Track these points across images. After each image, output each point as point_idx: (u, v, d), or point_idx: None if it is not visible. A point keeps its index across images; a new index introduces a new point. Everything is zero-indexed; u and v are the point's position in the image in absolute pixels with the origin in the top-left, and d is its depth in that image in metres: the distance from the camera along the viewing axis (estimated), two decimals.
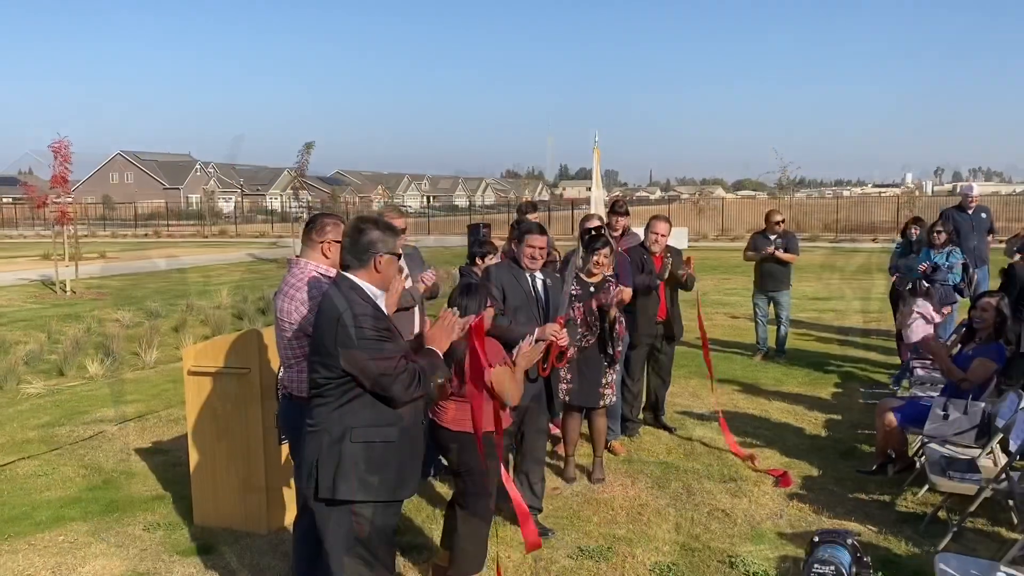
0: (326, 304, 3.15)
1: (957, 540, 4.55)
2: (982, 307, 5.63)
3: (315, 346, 3.16)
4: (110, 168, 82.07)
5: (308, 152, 25.97)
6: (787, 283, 9.45)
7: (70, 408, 8.01)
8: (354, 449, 3.13)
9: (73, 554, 4.66)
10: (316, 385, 3.16)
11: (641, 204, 77.22)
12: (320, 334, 3.12)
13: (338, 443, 3.13)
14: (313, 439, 3.17)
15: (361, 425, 3.13)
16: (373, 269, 3.23)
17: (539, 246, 4.76)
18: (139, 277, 20.47)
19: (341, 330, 3.05)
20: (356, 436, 3.13)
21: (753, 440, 6.53)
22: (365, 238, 3.22)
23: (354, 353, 3.05)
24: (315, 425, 3.17)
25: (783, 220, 9.53)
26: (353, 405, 3.13)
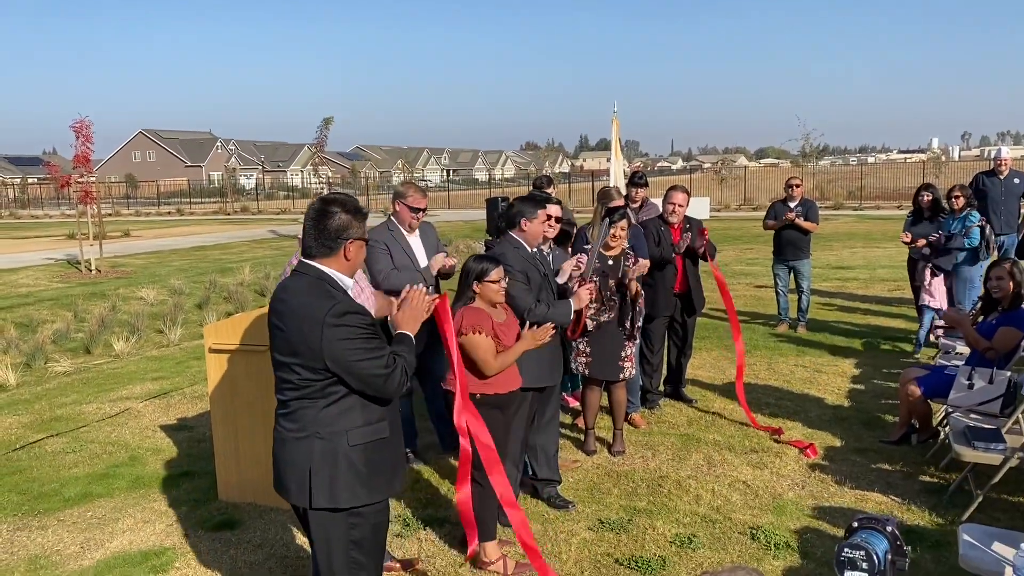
0: (302, 300, 2.84)
1: (981, 511, 4.51)
2: (997, 275, 5.54)
3: (291, 345, 2.83)
4: (132, 147, 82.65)
5: (327, 127, 25.97)
6: (807, 252, 9.33)
7: (97, 386, 8.13)
8: (353, 453, 2.88)
9: (101, 529, 4.74)
10: (295, 387, 2.86)
11: (662, 174, 76.73)
12: (299, 334, 2.80)
13: (334, 448, 2.87)
14: (300, 446, 2.88)
15: (356, 426, 2.88)
16: (343, 257, 2.92)
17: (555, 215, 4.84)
18: (163, 255, 20.65)
19: (328, 331, 2.75)
20: (353, 439, 2.88)
21: (775, 411, 6.50)
22: (334, 223, 2.88)
23: (344, 355, 2.78)
24: (301, 430, 2.88)
25: (800, 184, 9.36)
26: (343, 404, 2.87)
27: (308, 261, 2.93)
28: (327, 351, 2.76)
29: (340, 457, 2.87)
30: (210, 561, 4.30)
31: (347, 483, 2.88)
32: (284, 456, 2.94)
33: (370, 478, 2.92)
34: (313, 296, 2.84)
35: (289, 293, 2.91)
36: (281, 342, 2.87)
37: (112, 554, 4.42)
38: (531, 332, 4.11)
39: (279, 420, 2.97)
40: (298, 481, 2.90)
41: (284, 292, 2.94)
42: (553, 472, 4.91)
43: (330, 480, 2.87)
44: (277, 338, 2.89)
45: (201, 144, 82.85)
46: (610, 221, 5.40)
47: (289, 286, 2.94)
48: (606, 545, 4.36)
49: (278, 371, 2.92)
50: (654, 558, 4.17)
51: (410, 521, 4.69)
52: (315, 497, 2.88)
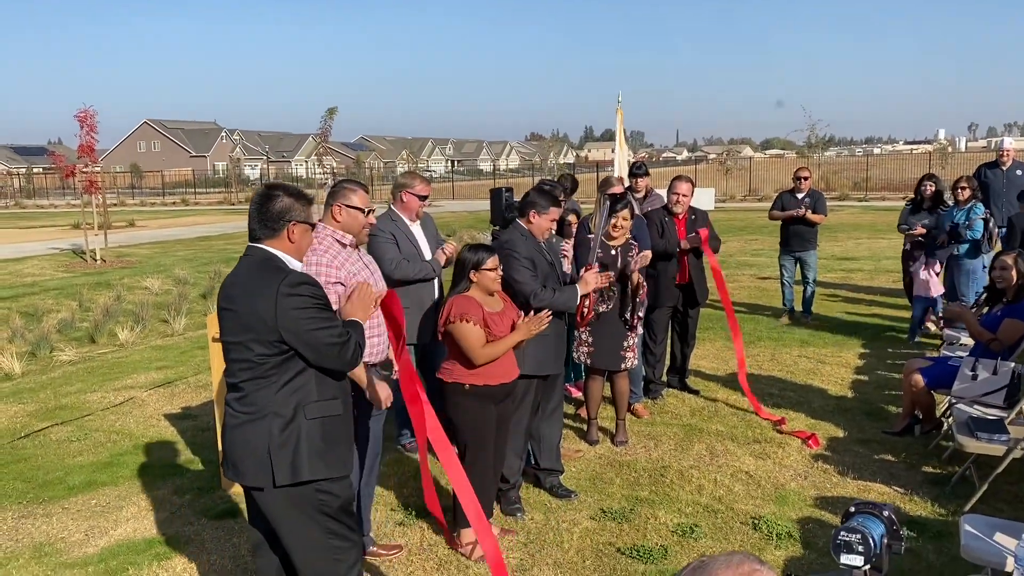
0: (253, 277, 2.92)
1: (984, 501, 4.50)
2: (1001, 266, 5.52)
3: (243, 323, 2.87)
4: (137, 137, 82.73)
5: (331, 118, 25.96)
6: (814, 243, 9.27)
7: (101, 375, 8.15)
8: (311, 427, 2.93)
9: (105, 517, 4.76)
10: (250, 365, 2.89)
11: (668, 165, 76.51)
12: (252, 309, 2.85)
13: (292, 423, 2.91)
14: (258, 427, 2.90)
15: (312, 401, 2.94)
16: (286, 239, 2.98)
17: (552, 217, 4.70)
18: (167, 245, 20.68)
19: (282, 301, 2.81)
20: (311, 412, 2.94)
21: (778, 401, 6.49)
22: (276, 205, 2.97)
23: (299, 324, 2.83)
24: (257, 411, 2.90)
25: (809, 177, 9.29)
26: (298, 382, 2.92)
27: (255, 244, 3.01)
28: (281, 321, 2.82)
29: (300, 432, 2.92)
30: (212, 549, 4.32)
31: (307, 457, 2.92)
32: (238, 439, 2.95)
33: (327, 452, 2.98)
34: (264, 271, 2.92)
35: (238, 275, 2.99)
36: (232, 323, 2.92)
37: (116, 542, 4.44)
38: (525, 322, 4.08)
39: (231, 405, 2.99)
40: (256, 462, 2.91)
41: (233, 276, 3.02)
42: (555, 462, 4.91)
43: (292, 456, 2.91)
44: (228, 320, 2.94)
45: (206, 134, 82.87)
46: (611, 211, 5.40)
47: (237, 270, 3.02)
48: (608, 534, 4.37)
49: (230, 354, 2.96)
50: (656, 547, 4.17)
51: (413, 509, 4.70)
52: (277, 475, 2.90)
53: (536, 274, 4.50)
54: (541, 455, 4.88)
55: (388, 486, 5.01)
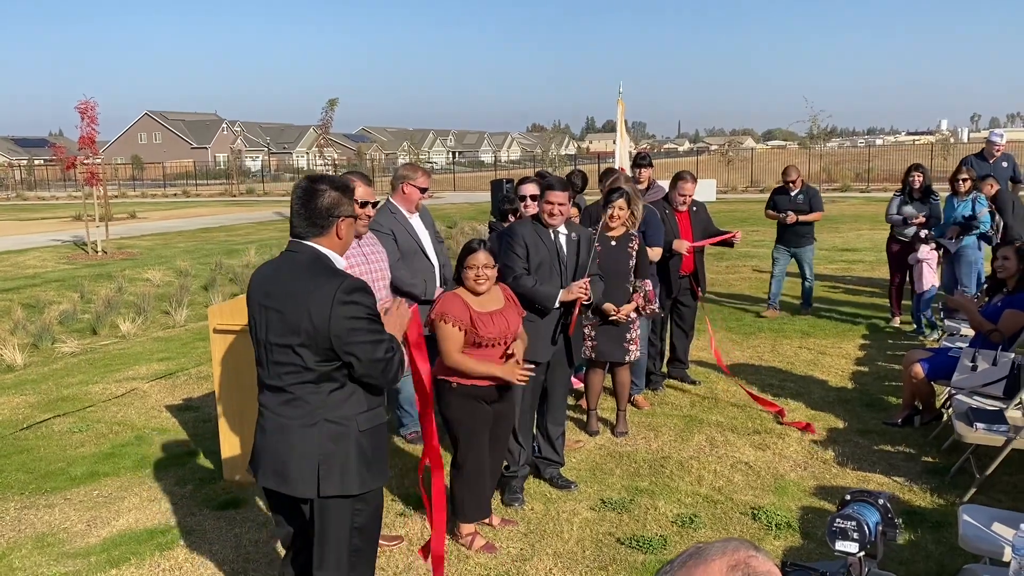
0: (305, 279, 2.77)
1: (983, 492, 4.52)
2: (1003, 255, 5.52)
3: (292, 326, 2.73)
4: (138, 128, 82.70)
5: (332, 109, 25.94)
6: (811, 238, 9.20)
7: (103, 366, 8.17)
8: (361, 438, 2.84)
9: (107, 508, 4.78)
10: (299, 369, 2.77)
11: (669, 156, 76.39)
12: (303, 313, 2.71)
13: (344, 434, 2.81)
14: (308, 434, 2.80)
15: (363, 411, 2.86)
16: (335, 235, 2.85)
17: (558, 202, 4.58)
18: (168, 236, 20.68)
19: (337, 308, 2.68)
20: (362, 424, 2.85)
21: (779, 392, 6.51)
22: (324, 200, 2.81)
23: (349, 335, 2.71)
24: (307, 416, 2.80)
25: (799, 178, 9.10)
26: (348, 389, 2.82)
27: (301, 241, 2.85)
28: (334, 328, 2.70)
29: (351, 443, 2.82)
30: (214, 539, 4.34)
31: (357, 469, 2.84)
32: (283, 445, 2.83)
33: (373, 463, 2.90)
34: (316, 273, 2.78)
35: (284, 273, 2.84)
36: (277, 323, 2.78)
37: (118, 532, 4.46)
38: (507, 366, 3.94)
39: (274, 408, 2.86)
40: (305, 470, 2.80)
41: (276, 272, 2.87)
42: (555, 454, 4.92)
43: (341, 467, 2.81)
44: (271, 319, 2.80)
45: (207, 126, 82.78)
46: (607, 201, 5.40)
47: (281, 267, 2.87)
48: (608, 524, 4.38)
49: (274, 355, 2.81)
50: (655, 537, 4.19)
51: (413, 500, 4.71)
52: (324, 485, 2.80)
53: (526, 260, 4.50)
54: (542, 446, 4.90)
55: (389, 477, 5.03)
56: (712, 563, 1.16)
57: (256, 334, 2.88)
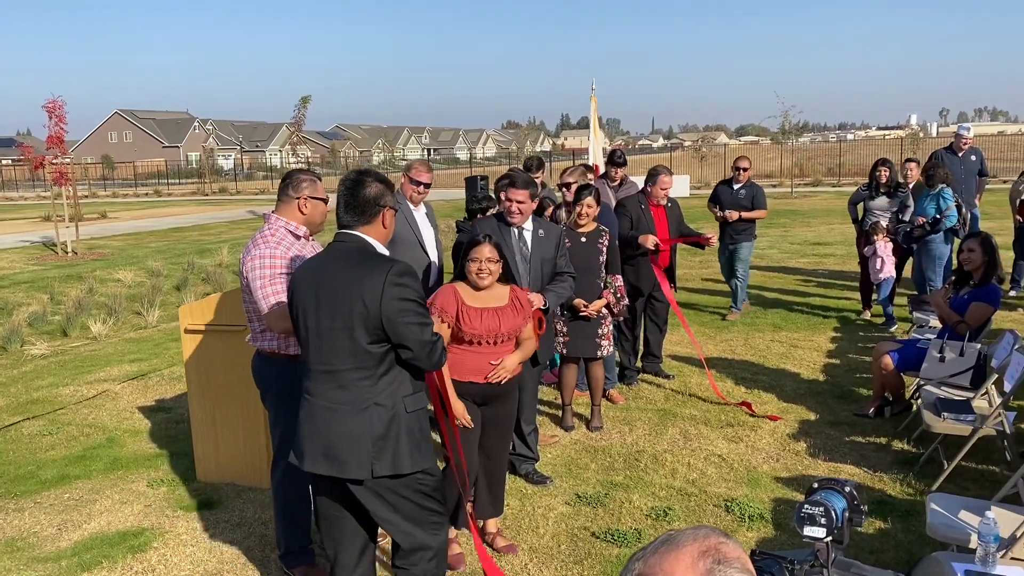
0: (355, 265, 2.89)
1: (951, 480, 4.59)
2: (968, 247, 5.60)
3: (345, 310, 2.83)
4: (108, 127, 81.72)
5: (304, 106, 25.75)
6: (749, 234, 8.86)
7: (74, 368, 8.08)
8: (410, 420, 2.95)
9: (78, 511, 4.73)
10: (353, 352, 2.85)
11: (644, 152, 76.71)
12: (357, 295, 2.82)
13: (394, 416, 2.91)
14: (361, 417, 2.88)
15: (408, 394, 2.97)
16: (380, 224, 3.01)
17: (517, 200, 4.49)
18: (140, 236, 20.47)
19: (388, 290, 2.80)
20: (410, 405, 2.96)
21: (751, 385, 6.57)
22: (371, 191, 2.97)
23: (400, 316, 2.82)
24: (359, 400, 2.89)
25: (748, 168, 8.75)
26: (395, 372, 2.92)
27: (349, 231, 2.99)
28: (385, 309, 2.81)
29: (401, 425, 2.93)
30: (189, 541, 4.31)
31: (408, 450, 2.94)
32: (337, 429, 2.91)
33: (421, 443, 3.01)
34: (365, 258, 2.92)
35: (335, 262, 2.94)
36: (331, 309, 2.87)
37: (90, 535, 4.42)
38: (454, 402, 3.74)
39: (323, 393, 2.93)
40: (358, 452, 2.89)
41: (326, 262, 2.96)
42: (529, 450, 4.92)
43: (393, 448, 2.91)
44: (324, 307, 2.88)
45: (178, 124, 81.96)
46: (576, 199, 5.43)
47: (331, 257, 2.97)
48: (583, 519, 4.40)
49: (326, 341, 2.89)
50: (630, 531, 4.22)
51: None
52: (377, 467, 2.90)
53: None
54: (516, 444, 4.90)
55: None
56: (684, 549, 1.19)
57: (305, 322, 2.95)
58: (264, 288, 3.55)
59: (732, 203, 8.69)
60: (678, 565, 1.18)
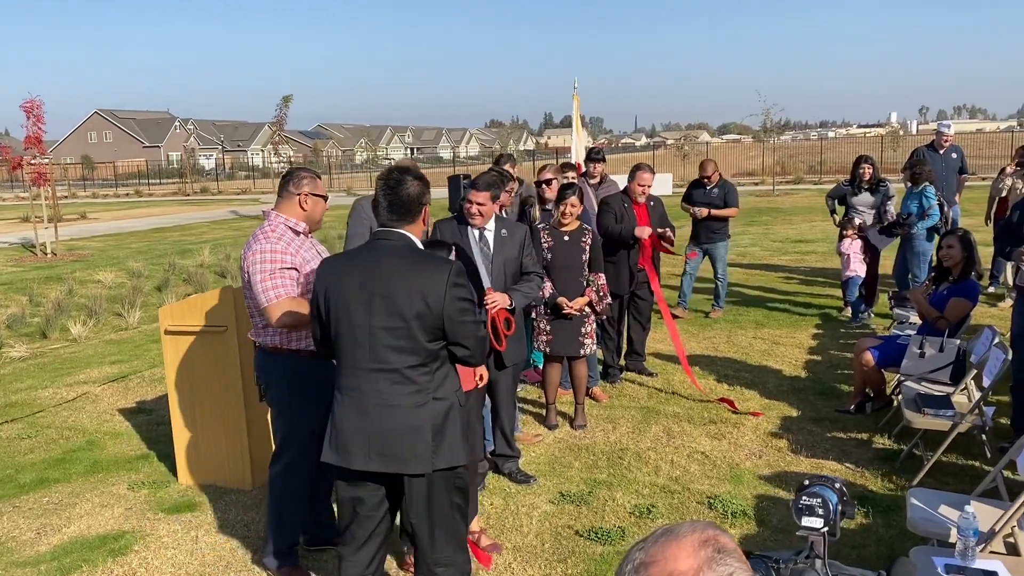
0: (411, 264, 2.91)
1: (931, 475, 4.63)
2: (948, 243, 5.66)
3: (404, 309, 2.85)
4: (88, 127, 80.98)
5: (286, 106, 25.62)
6: (724, 234, 8.88)
7: (53, 371, 8.00)
8: (462, 413, 3.05)
9: (58, 515, 4.68)
10: (413, 350, 2.89)
11: (627, 151, 76.86)
12: (417, 294, 2.85)
13: (450, 410, 2.98)
14: (422, 412, 2.92)
15: (458, 388, 3.06)
16: (421, 222, 3.04)
17: (477, 202, 4.43)
18: (120, 237, 20.30)
19: (450, 290, 2.85)
20: (460, 399, 3.05)
21: (733, 382, 6.59)
22: (412, 189, 2.99)
23: (459, 315, 2.88)
24: (418, 394, 2.92)
25: (715, 173, 8.81)
26: (446, 368, 2.99)
27: (393, 229, 2.99)
28: (447, 309, 2.86)
29: (456, 418, 3.00)
30: (170, 544, 4.27)
31: (461, 443, 3.01)
32: (394, 425, 2.91)
33: (468, 435, 3.11)
34: (423, 259, 2.97)
35: (383, 258, 2.93)
36: (386, 308, 2.86)
37: (69, 539, 4.37)
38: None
39: (376, 390, 2.92)
40: (418, 447, 2.91)
41: (373, 259, 2.93)
42: (510, 448, 4.90)
43: (451, 441, 2.96)
44: (377, 305, 2.86)
45: (159, 124, 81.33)
46: (560, 198, 5.43)
47: (378, 252, 2.95)
48: (567, 517, 4.40)
49: (381, 339, 2.88)
50: (614, 529, 4.22)
51: None
52: (436, 460, 2.94)
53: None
54: (497, 443, 4.89)
55: None
56: (684, 539, 1.24)
57: (352, 320, 2.92)
58: (264, 282, 3.59)
59: (705, 202, 8.71)
60: (680, 552, 1.23)
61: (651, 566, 1.23)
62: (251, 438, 4.84)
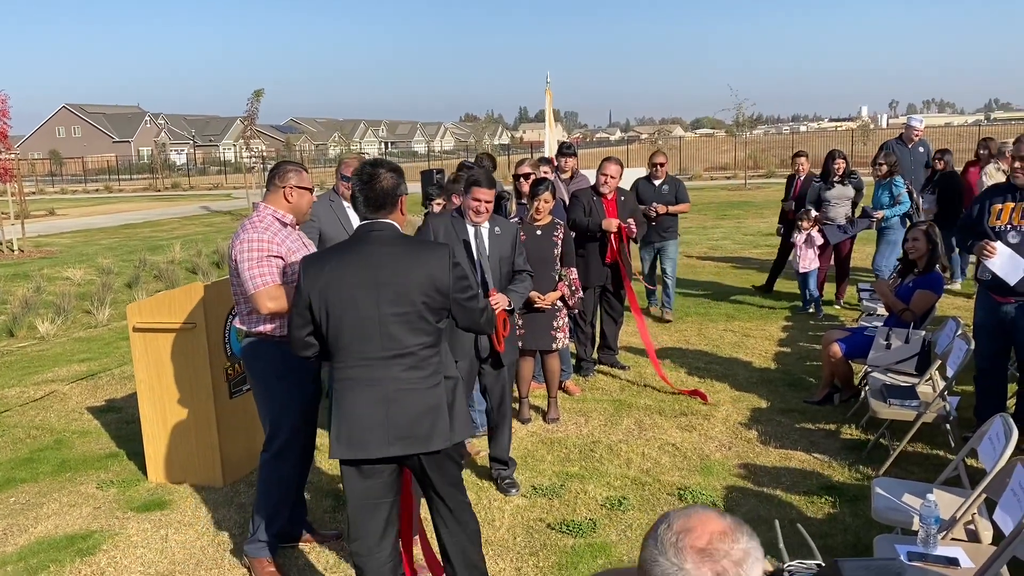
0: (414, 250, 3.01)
1: (897, 465, 4.70)
2: (913, 236, 5.74)
3: (410, 293, 2.92)
4: (56, 122, 79.73)
5: (257, 100, 25.38)
6: (674, 232, 8.50)
7: (20, 369, 7.89)
8: (462, 386, 3.20)
9: (24, 515, 4.63)
10: (425, 332, 2.98)
11: (601, 145, 76.99)
12: (424, 278, 2.94)
13: (457, 386, 3.11)
14: (437, 391, 3.02)
15: (454, 363, 3.21)
16: (399, 212, 3.11)
17: (485, 199, 4.39)
18: (90, 233, 20.04)
19: (453, 271, 3.00)
20: (459, 372, 3.22)
21: (704, 374, 6.65)
22: (390, 181, 3.05)
23: (462, 293, 3.05)
24: (432, 376, 3.02)
25: (665, 163, 8.55)
26: (445, 347, 3.12)
27: (379, 220, 3.04)
28: (453, 288, 3.00)
29: (461, 392, 3.15)
30: (139, 542, 4.24)
31: (466, 414, 3.17)
32: (415, 407, 2.98)
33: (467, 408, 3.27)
34: (418, 245, 3.09)
35: (381, 247, 2.98)
36: (394, 295, 2.92)
37: (36, 539, 4.33)
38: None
39: (391, 376, 2.96)
40: (438, 425, 3.01)
41: (370, 250, 2.97)
42: (506, 455, 4.86)
43: (460, 416, 3.09)
44: (385, 294, 2.91)
45: (129, 119, 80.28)
46: (533, 194, 5.44)
47: (373, 242, 2.98)
48: (538, 511, 4.43)
49: (391, 327, 2.92)
50: (585, 521, 4.25)
51: (343, 496, 4.67)
52: (453, 435, 3.06)
53: None
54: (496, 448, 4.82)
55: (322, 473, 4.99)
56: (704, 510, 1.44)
57: (360, 312, 2.93)
58: (251, 269, 3.65)
59: (655, 199, 8.30)
60: (709, 517, 1.41)
61: (691, 531, 1.39)
62: (221, 435, 4.82)
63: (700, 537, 1.38)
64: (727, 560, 1.37)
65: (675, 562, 1.38)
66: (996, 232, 4.71)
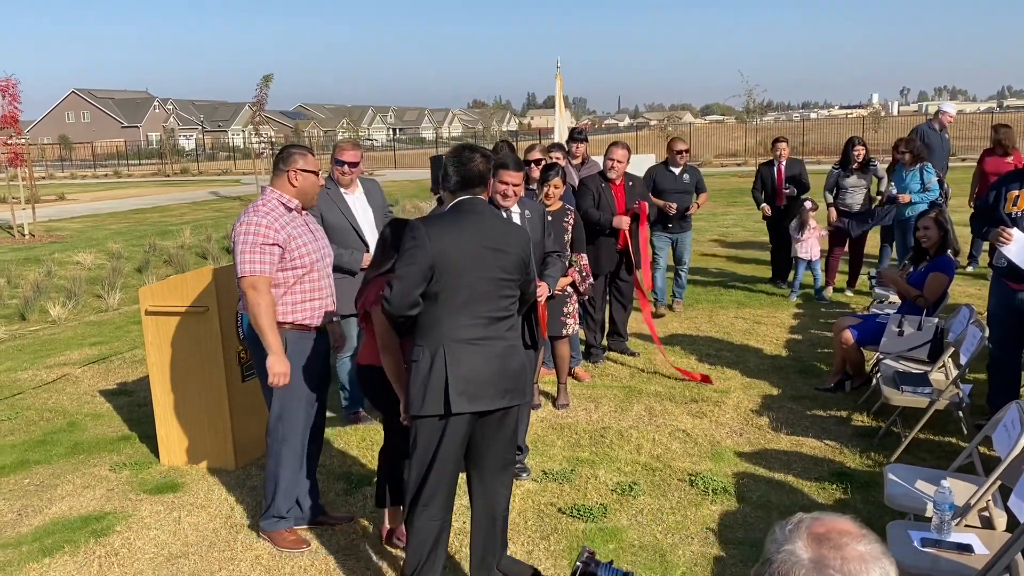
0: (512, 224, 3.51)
1: (909, 452, 4.69)
2: (924, 225, 5.70)
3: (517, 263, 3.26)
4: (65, 107, 79.94)
5: (266, 86, 25.34)
6: (690, 221, 8.34)
7: (32, 352, 7.94)
8: None
9: (39, 496, 4.67)
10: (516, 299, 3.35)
11: (610, 132, 76.75)
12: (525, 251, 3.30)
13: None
14: (523, 351, 3.48)
15: None
16: (487, 192, 3.41)
17: (513, 183, 4.23)
18: (100, 218, 20.10)
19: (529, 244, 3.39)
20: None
21: (715, 361, 6.64)
22: (482, 166, 3.28)
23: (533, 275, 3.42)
24: (517, 337, 3.42)
25: (687, 150, 8.23)
26: None
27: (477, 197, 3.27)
28: (530, 257, 3.36)
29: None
30: (152, 524, 4.27)
31: None
32: (516, 362, 3.28)
33: None
34: (513, 223, 3.57)
35: (486, 220, 3.26)
36: (505, 262, 3.21)
37: (51, 520, 4.36)
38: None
39: (498, 335, 3.22)
40: (530, 378, 3.43)
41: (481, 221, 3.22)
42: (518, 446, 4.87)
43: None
44: (500, 260, 3.19)
45: (138, 104, 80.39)
46: (543, 179, 5.42)
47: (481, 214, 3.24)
48: (549, 495, 4.43)
49: (501, 290, 3.22)
50: (595, 506, 4.26)
51: (355, 479, 4.70)
52: (531, 388, 3.47)
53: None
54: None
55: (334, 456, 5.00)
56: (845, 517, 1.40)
57: (480, 273, 3.16)
58: (244, 254, 3.66)
59: (676, 188, 8.00)
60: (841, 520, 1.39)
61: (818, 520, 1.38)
62: (233, 418, 4.83)
63: (822, 526, 1.36)
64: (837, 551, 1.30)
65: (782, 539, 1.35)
66: (1012, 219, 4.67)
